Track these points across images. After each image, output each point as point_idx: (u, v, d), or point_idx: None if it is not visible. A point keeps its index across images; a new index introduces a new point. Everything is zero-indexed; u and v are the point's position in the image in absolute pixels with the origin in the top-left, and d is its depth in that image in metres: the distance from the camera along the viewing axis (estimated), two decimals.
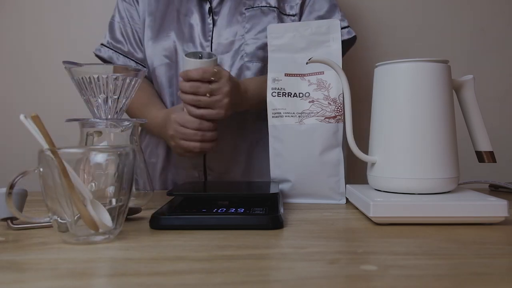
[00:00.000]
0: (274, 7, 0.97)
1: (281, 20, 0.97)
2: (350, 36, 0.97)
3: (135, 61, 1.01)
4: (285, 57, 0.80)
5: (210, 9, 0.97)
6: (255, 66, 0.96)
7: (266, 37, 0.92)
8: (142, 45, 1.01)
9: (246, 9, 0.97)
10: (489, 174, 1.04)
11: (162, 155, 1.02)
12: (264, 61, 0.96)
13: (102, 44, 1.02)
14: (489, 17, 1.23)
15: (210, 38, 0.96)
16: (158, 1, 1.00)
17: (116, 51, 1.01)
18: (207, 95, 0.81)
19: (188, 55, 0.85)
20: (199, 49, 0.96)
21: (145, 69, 0.67)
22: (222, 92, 0.81)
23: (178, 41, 0.96)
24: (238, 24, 0.96)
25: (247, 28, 0.95)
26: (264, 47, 0.95)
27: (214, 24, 0.96)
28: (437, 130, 0.62)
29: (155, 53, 0.98)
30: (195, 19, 0.97)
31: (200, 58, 0.87)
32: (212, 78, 0.80)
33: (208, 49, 0.96)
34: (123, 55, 1.01)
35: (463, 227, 0.57)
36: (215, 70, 0.81)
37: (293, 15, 0.98)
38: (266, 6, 0.96)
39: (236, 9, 0.97)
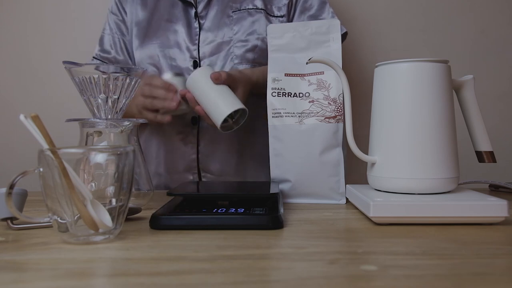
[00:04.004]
0: (261, 9, 0.97)
1: (269, 22, 0.97)
2: (341, 33, 0.97)
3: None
4: (285, 57, 0.80)
5: (196, 13, 0.97)
6: (244, 68, 0.96)
7: (256, 39, 0.92)
8: (130, 57, 1.02)
9: (233, 11, 0.97)
10: (489, 174, 1.04)
11: (155, 160, 1.01)
12: (254, 62, 0.97)
13: (93, 57, 1.04)
14: (489, 18, 1.23)
15: (197, 42, 0.97)
16: (144, 10, 1.01)
17: (104, 62, 1.02)
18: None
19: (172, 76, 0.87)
20: (186, 54, 0.96)
21: (145, 69, 0.67)
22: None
23: (163, 47, 0.97)
24: (226, 26, 0.97)
25: (235, 30, 0.96)
26: (253, 49, 0.96)
27: (200, 28, 0.97)
28: (437, 130, 0.62)
29: (140, 61, 0.99)
30: (180, 25, 0.98)
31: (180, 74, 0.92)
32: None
33: (195, 53, 0.96)
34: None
35: (463, 227, 0.57)
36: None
37: (281, 16, 0.99)
38: (253, 8, 0.97)
39: (223, 12, 0.97)
